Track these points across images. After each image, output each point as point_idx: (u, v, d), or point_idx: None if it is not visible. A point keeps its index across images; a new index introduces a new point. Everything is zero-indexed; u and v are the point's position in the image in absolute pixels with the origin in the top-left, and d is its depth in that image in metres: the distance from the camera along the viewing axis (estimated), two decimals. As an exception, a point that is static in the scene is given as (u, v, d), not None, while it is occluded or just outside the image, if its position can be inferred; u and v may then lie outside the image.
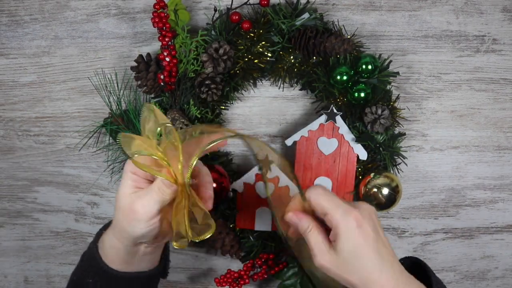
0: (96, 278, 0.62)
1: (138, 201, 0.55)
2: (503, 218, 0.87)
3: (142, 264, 0.63)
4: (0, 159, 0.86)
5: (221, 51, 0.75)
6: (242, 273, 0.81)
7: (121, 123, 0.79)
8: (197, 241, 0.53)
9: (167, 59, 0.74)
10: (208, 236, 0.53)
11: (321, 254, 0.54)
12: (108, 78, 0.82)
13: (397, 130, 0.80)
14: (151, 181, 0.57)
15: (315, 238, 0.55)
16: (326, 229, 0.56)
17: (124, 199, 0.56)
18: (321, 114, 0.78)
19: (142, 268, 0.63)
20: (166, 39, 0.73)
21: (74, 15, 0.82)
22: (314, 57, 0.78)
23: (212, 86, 0.75)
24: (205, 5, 0.81)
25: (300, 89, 0.83)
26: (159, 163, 0.54)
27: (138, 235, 0.57)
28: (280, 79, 0.81)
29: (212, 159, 0.80)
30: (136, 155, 0.53)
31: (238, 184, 0.79)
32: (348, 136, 0.78)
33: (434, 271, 0.59)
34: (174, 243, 0.54)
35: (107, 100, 0.81)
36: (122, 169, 0.81)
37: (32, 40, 0.83)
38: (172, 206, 0.55)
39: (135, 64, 0.77)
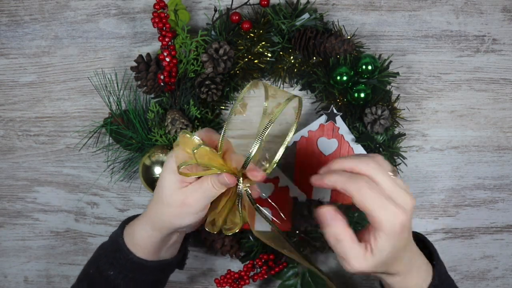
0: (119, 269, 0.66)
1: (192, 195, 0.59)
2: (503, 218, 0.87)
3: (168, 252, 0.68)
4: (0, 159, 0.86)
5: (221, 51, 0.75)
6: (242, 273, 0.81)
7: (121, 123, 0.79)
8: (227, 234, 0.60)
9: (167, 59, 0.74)
10: (236, 231, 0.60)
11: (357, 261, 0.53)
12: (108, 78, 0.82)
13: (397, 131, 0.80)
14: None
15: (349, 246, 0.53)
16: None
17: (173, 195, 0.60)
18: (321, 115, 0.78)
19: (166, 257, 0.68)
20: (166, 39, 0.73)
21: (74, 15, 0.82)
22: (314, 58, 0.78)
23: (212, 86, 0.75)
24: (205, 5, 0.81)
25: (300, 90, 0.83)
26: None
27: (185, 225, 0.62)
28: (280, 79, 0.81)
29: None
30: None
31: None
32: (348, 136, 0.78)
33: (434, 271, 0.60)
34: (206, 228, 0.62)
35: (107, 100, 0.81)
36: (122, 169, 0.82)
37: (32, 40, 0.83)
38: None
39: (135, 64, 0.77)
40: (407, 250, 0.55)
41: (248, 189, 0.58)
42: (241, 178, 0.57)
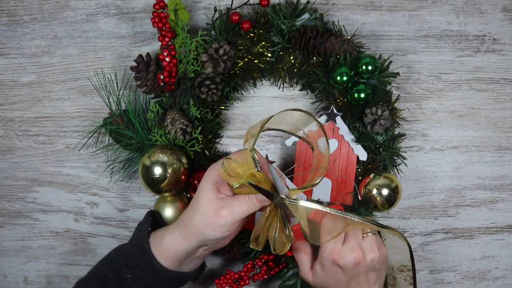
0: (137, 273, 0.66)
1: (226, 208, 0.61)
2: (503, 218, 0.87)
3: (190, 265, 0.69)
4: (0, 159, 0.86)
5: (221, 51, 0.74)
6: (242, 274, 0.81)
7: (120, 123, 0.78)
8: (279, 254, 0.62)
9: (167, 59, 0.74)
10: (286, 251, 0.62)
11: (304, 272, 0.67)
12: (108, 78, 0.82)
13: (397, 131, 0.80)
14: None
15: (302, 257, 0.67)
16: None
17: (209, 203, 0.62)
18: (321, 115, 0.78)
19: (187, 269, 0.69)
20: (166, 39, 0.73)
21: (74, 15, 0.82)
22: (314, 58, 0.78)
23: (212, 86, 0.75)
24: (205, 5, 0.81)
25: (300, 90, 0.83)
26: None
27: (214, 238, 0.63)
28: (280, 79, 0.81)
29: (212, 159, 0.80)
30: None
31: None
32: (348, 136, 0.78)
33: (434, 271, 0.60)
34: (251, 245, 0.64)
35: (106, 100, 0.81)
36: (122, 169, 0.82)
37: (32, 40, 0.82)
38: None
39: (134, 64, 0.77)
40: (350, 285, 0.63)
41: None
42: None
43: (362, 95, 0.76)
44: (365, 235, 0.63)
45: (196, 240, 0.64)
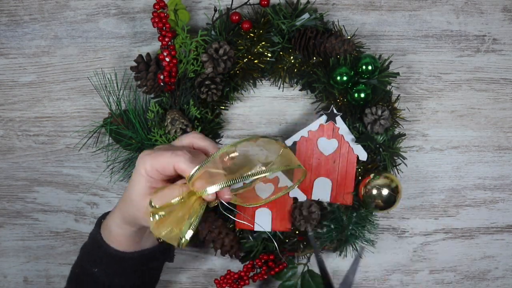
0: (102, 265, 0.67)
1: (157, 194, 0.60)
2: (503, 218, 0.87)
3: (148, 242, 0.69)
4: (0, 159, 0.86)
5: (221, 51, 0.74)
6: (242, 274, 0.81)
7: (120, 123, 0.78)
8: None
9: (167, 59, 0.74)
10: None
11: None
12: (108, 78, 0.82)
13: (397, 131, 0.80)
14: (165, 181, 0.62)
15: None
16: None
17: (143, 200, 0.61)
18: (321, 115, 0.78)
19: (148, 245, 0.69)
20: (166, 39, 0.73)
21: (74, 15, 0.82)
22: (314, 58, 0.78)
23: (212, 86, 0.75)
24: (205, 5, 0.81)
25: (300, 90, 0.83)
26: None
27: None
28: (280, 79, 0.81)
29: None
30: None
31: (238, 184, 0.79)
32: (348, 136, 0.78)
33: (434, 271, 0.60)
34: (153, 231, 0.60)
35: (106, 100, 0.81)
36: (122, 169, 0.81)
37: (32, 40, 0.82)
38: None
39: (134, 64, 0.77)
40: None
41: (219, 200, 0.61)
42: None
43: (362, 95, 0.76)
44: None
45: (137, 225, 0.64)
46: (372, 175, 0.77)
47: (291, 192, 0.79)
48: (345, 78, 0.75)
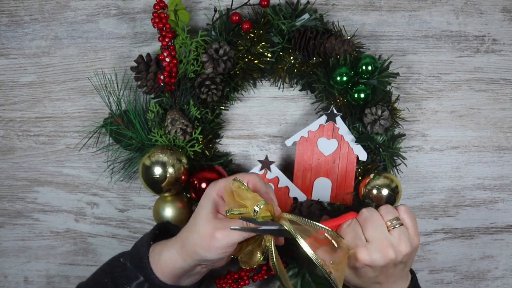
0: (136, 286, 0.65)
1: (222, 230, 0.60)
2: (503, 218, 0.87)
3: (188, 281, 0.68)
4: (0, 159, 0.86)
5: (221, 51, 0.75)
6: (242, 274, 0.81)
7: (121, 124, 0.78)
8: (242, 266, 0.65)
9: (167, 59, 0.74)
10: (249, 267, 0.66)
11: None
12: (108, 79, 0.82)
13: (397, 131, 0.80)
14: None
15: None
16: None
17: (206, 224, 0.61)
18: (321, 115, 0.78)
19: (184, 284, 0.68)
20: (166, 40, 0.73)
21: (74, 15, 0.82)
22: (314, 58, 0.78)
23: (212, 86, 0.75)
24: (205, 5, 0.81)
25: (300, 90, 0.83)
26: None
27: (210, 259, 0.62)
28: (280, 80, 0.81)
29: (212, 159, 0.80)
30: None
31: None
32: (348, 136, 0.78)
33: (434, 271, 0.60)
34: (242, 265, 0.65)
35: (107, 100, 0.81)
36: (122, 169, 0.82)
37: (32, 40, 0.83)
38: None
39: (135, 64, 0.77)
40: (378, 279, 0.63)
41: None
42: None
43: (362, 95, 0.76)
44: (392, 227, 0.61)
45: (192, 259, 0.63)
46: (372, 175, 0.77)
47: (291, 192, 0.79)
48: (345, 78, 0.76)
